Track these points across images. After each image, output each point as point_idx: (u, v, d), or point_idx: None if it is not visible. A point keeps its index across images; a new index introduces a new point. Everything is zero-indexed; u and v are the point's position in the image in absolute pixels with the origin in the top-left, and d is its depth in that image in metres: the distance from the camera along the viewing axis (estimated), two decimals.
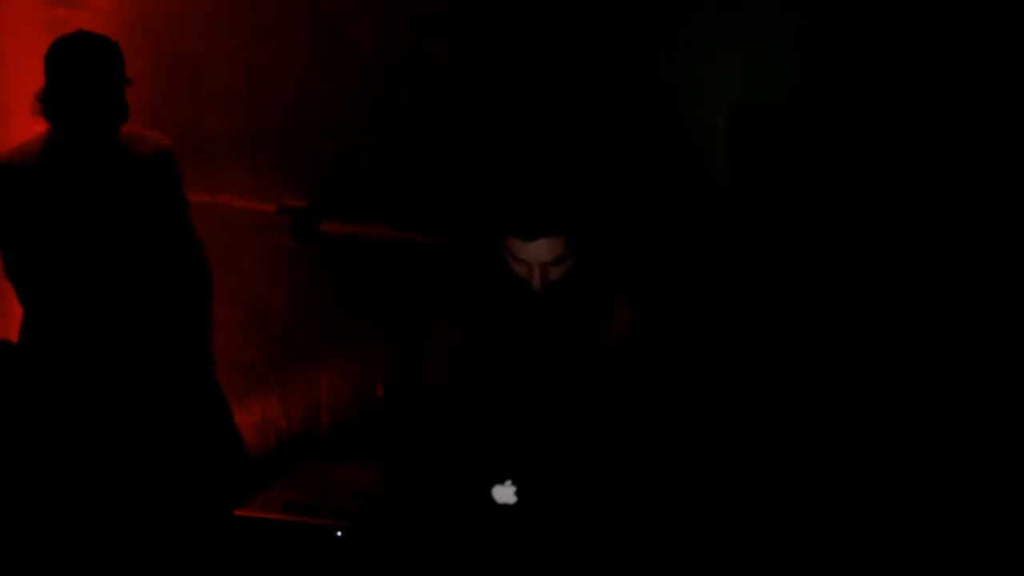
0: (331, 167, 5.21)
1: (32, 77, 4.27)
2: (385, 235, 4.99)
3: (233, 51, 5.17)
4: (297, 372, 5.37)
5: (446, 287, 4.00)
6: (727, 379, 4.53)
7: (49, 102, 4.18)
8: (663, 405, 3.80)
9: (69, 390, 4.32)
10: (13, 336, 4.45)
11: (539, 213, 3.69)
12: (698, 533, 3.95)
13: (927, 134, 4.59)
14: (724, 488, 4.37)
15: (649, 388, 3.78)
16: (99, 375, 4.33)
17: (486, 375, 3.82)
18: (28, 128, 4.37)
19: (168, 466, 4.39)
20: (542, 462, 3.78)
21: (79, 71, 4.14)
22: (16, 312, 4.44)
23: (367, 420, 5.20)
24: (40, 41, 4.38)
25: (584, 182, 4.71)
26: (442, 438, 3.86)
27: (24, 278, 4.29)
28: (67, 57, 4.15)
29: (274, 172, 5.24)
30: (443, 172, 5.05)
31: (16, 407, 4.38)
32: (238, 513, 4.52)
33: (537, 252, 3.72)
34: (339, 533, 4.49)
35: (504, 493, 3.78)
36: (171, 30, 5.16)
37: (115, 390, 4.34)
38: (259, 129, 5.23)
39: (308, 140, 5.21)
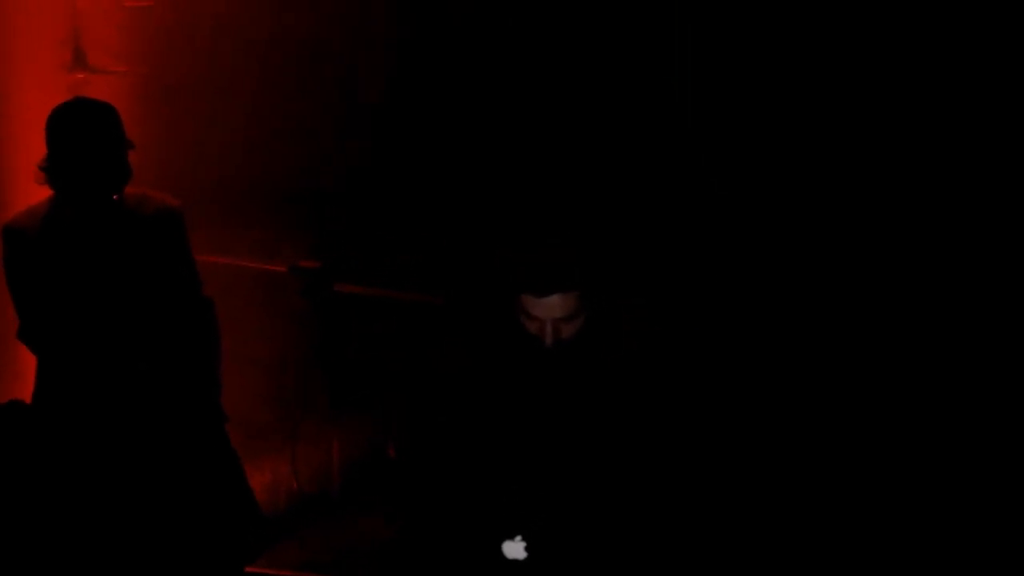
0: (343, 228, 5.25)
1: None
2: (396, 296, 5.04)
3: (247, 112, 5.22)
4: (309, 432, 5.38)
5: (456, 346, 4.02)
6: (734, 387, 4.52)
7: (50, 170, 4.19)
8: (674, 417, 3.81)
9: (81, 449, 4.33)
10: (26, 396, 4.47)
11: (552, 269, 3.72)
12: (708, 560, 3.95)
13: (917, 134, 4.63)
14: (732, 507, 4.36)
15: (660, 400, 3.79)
16: (111, 433, 4.34)
17: (497, 430, 3.84)
18: (45, 189, 4.40)
19: (180, 523, 4.39)
20: (552, 518, 3.79)
21: (76, 138, 4.14)
22: (29, 373, 4.47)
23: (379, 480, 5.21)
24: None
25: (596, 238, 4.75)
26: (453, 493, 3.87)
27: (37, 339, 4.31)
28: (64, 125, 4.16)
29: (286, 233, 5.29)
30: (454, 230, 5.08)
31: (29, 466, 4.39)
32: (249, 570, 4.52)
33: (550, 308, 3.74)
34: None
35: (514, 549, 3.79)
36: (186, 91, 5.21)
37: (127, 448, 4.35)
38: (272, 190, 5.28)
39: (320, 202, 5.25)
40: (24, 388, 4.56)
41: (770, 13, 4.73)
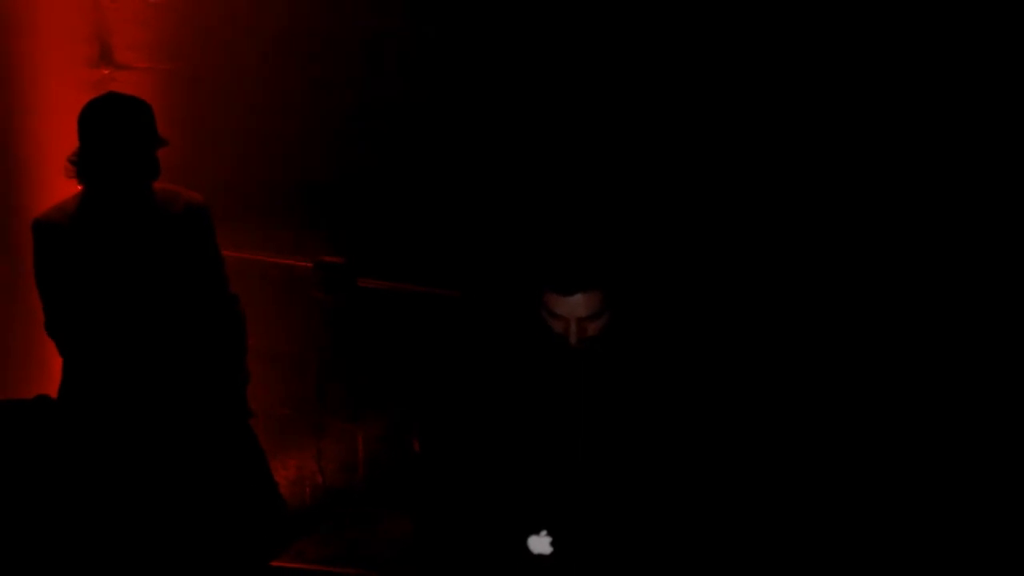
0: (366, 224, 5.25)
1: (76, 136, 4.31)
2: (420, 291, 5.05)
3: (270, 107, 5.23)
4: (333, 427, 5.40)
5: (479, 341, 4.03)
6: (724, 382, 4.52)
7: (81, 164, 4.22)
8: (695, 413, 3.82)
9: (107, 444, 4.35)
10: (52, 391, 4.49)
11: (577, 267, 3.72)
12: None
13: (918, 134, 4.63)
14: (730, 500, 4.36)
15: (679, 395, 3.80)
16: (137, 428, 4.36)
17: (521, 424, 3.84)
18: (72, 185, 4.42)
19: (206, 518, 4.41)
20: (578, 512, 3.80)
21: (110, 134, 4.17)
22: (55, 368, 4.49)
23: (403, 473, 5.22)
24: (84, 101, 4.43)
25: (619, 236, 4.75)
26: (478, 488, 3.88)
27: (64, 333, 4.33)
28: (97, 120, 4.19)
29: (310, 229, 5.30)
30: (479, 227, 5.09)
31: (56, 461, 4.41)
32: (274, 564, 4.54)
33: (574, 307, 3.75)
34: None
35: (540, 543, 3.79)
36: (209, 86, 5.23)
37: (153, 443, 4.37)
38: (295, 185, 5.29)
39: (344, 197, 5.26)
40: (50, 383, 4.59)
41: (771, 13, 4.75)
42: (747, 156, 4.80)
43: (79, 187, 4.34)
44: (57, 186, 4.96)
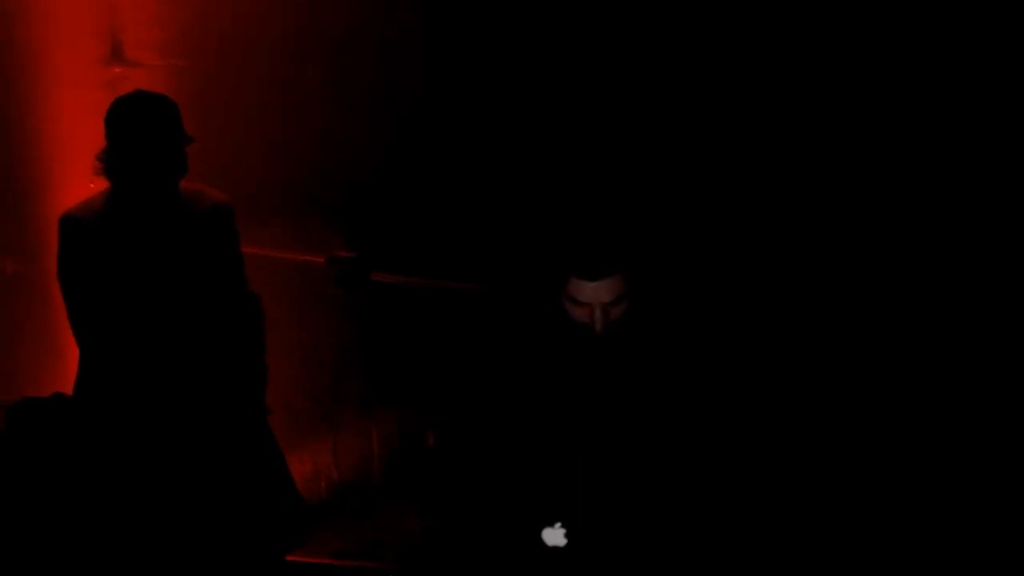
0: (380, 217, 5.26)
1: (90, 134, 4.33)
2: (434, 284, 5.05)
3: (285, 105, 5.24)
4: (349, 422, 5.41)
5: (494, 334, 4.04)
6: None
7: (109, 162, 4.23)
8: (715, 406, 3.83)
9: (124, 440, 4.37)
10: (68, 389, 4.50)
11: (602, 252, 3.75)
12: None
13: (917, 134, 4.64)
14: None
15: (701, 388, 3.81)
16: (155, 424, 4.38)
17: (537, 420, 3.85)
18: (86, 185, 4.43)
19: (223, 513, 4.42)
20: (593, 505, 3.81)
21: (139, 131, 4.18)
22: (71, 365, 4.50)
23: (418, 467, 5.23)
24: (97, 99, 4.44)
25: (642, 223, 4.76)
26: (492, 482, 3.89)
27: (86, 329, 4.35)
28: (127, 117, 4.19)
29: (323, 223, 5.30)
30: (495, 221, 5.09)
31: (71, 457, 4.43)
32: (289, 558, 4.55)
33: (598, 293, 3.76)
34: None
35: (554, 536, 3.81)
36: (222, 83, 5.24)
37: (171, 439, 4.38)
38: (309, 180, 5.30)
39: (358, 191, 5.27)
40: (67, 381, 4.60)
41: (772, 14, 4.76)
42: (771, 148, 4.80)
43: (91, 186, 4.36)
44: (73, 185, 4.98)
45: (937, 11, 4.61)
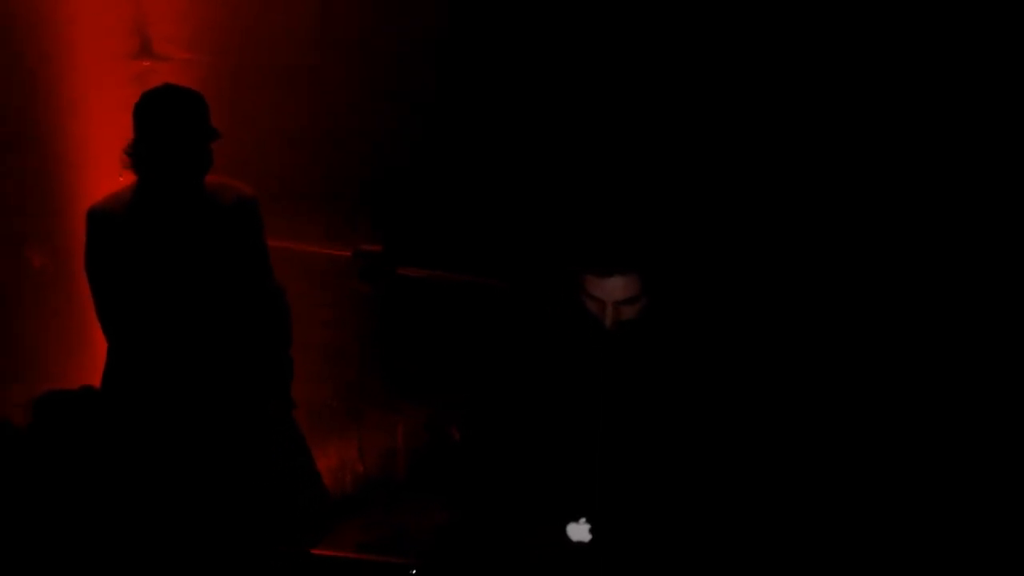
0: (406, 212, 5.27)
1: (117, 128, 4.35)
2: (459, 279, 5.06)
3: (312, 100, 5.26)
4: (374, 415, 5.42)
5: (517, 329, 4.04)
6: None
7: (137, 155, 4.25)
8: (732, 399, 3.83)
9: (152, 433, 4.39)
10: (96, 381, 4.52)
11: (615, 249, 3.74)
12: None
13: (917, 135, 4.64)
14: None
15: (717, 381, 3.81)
16: (182, 418, 4.40)
17: (560, 413, 3.86)
18: (115, 178, 4.46)
19: (249, 506, 4.44)
20: (617, 500, 3.81)
21: (165, 125, 4.20)
22: (99, 358, 4.53)
23: (443, 461, 5.24)
24: (124, 93, 4.46)
25: (658, 221, 4.76)
26: (517, 476, 3.89)
27: (113, 321, 4.37)
28: (155, 111, 4.22)
29: (349, 217, 5.32)
30: (518, 215, 5.10)
31: (99, 450, 4.45)
32: (314, 552, 4.57)
33: (611, 290, 3.76)
34: (413, 572, 4.52)
35: (579, 531, 3.81)
36: (249, 77, 5.25)
37: (197, 431, 4.40)
38: (334, 174, 5.31)
39: (383, 185, 5.28)
40: (95, 374, 4.63)
41: (773, 14, 4.76)
42: (784, 150, 4.80)
43: (119, 179, 4.38)
44: (99, 179, 5.01)
45: (937, 11, 4.60)
